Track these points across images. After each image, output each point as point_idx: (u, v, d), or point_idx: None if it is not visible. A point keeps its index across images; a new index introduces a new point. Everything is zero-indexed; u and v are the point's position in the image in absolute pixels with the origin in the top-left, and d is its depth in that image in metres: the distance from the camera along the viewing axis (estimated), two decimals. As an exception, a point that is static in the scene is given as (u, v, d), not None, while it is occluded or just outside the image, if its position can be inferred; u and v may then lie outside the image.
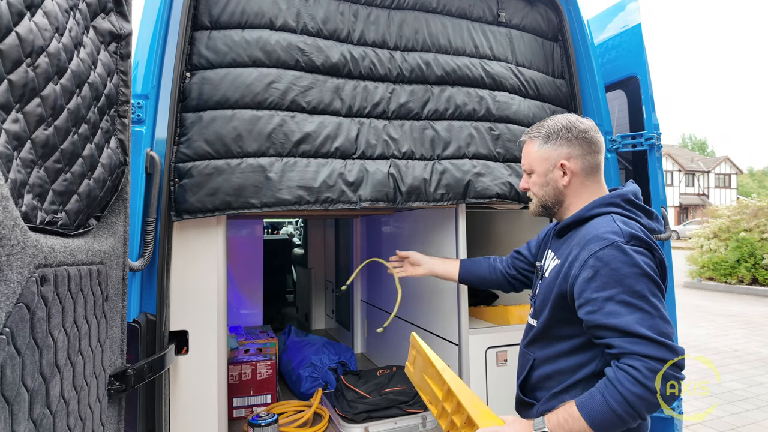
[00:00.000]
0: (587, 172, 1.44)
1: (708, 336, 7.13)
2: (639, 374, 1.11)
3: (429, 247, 2.74)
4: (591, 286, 1.22)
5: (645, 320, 1.15)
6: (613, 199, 1.37)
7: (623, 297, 1.18)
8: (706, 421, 4.15)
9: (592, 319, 1.22)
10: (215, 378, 1.92)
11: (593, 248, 1.25)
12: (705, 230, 12.55)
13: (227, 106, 1.87)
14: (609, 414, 1.13)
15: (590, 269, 1.24)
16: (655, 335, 1.13)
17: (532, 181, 1.52)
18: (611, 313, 1.17)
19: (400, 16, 2.21)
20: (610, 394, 1.14)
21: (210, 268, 1.93)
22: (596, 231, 1.29)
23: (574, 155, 1.44)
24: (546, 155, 1.46)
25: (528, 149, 1.54)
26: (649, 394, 1.10)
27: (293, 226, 8.12)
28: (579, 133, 1.44)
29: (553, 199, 1.48)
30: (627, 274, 1.19)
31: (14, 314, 0.76)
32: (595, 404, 1.16)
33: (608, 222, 1.30)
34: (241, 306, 4.00)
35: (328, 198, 1.94)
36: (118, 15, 1.28)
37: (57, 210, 1.00)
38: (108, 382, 1.26)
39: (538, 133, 1.50)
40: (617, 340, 1.16)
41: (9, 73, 0.80)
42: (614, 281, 1.19)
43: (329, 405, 2.63)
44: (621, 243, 1.22)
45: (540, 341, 1.44)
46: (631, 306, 1.17)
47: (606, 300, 1.19)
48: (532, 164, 1.51)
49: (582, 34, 2.54)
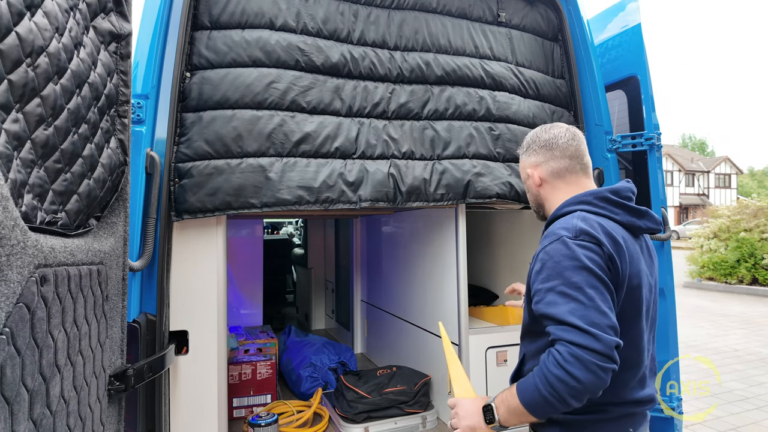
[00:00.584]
0: (555, 176, 1.55)
1: (708, 336, 7.12)
2: (561, 358, 1.18)
3: (429, 247, 2.74)
4: (538, 278, 1.33)
5: (578, 310, 1.22)
6: (585, 197, 1.44)
7: (562, 288, 1.26)
8: (706, 421, 4.15)
9: (536, 308, 1.31)
10: (215, 378, 1.92)
11: (545, 243, 1.36)
12: (705, 230, 12.55)
13: (227, 106, 1.87)
14: (536, 394, 1.22)
15: (539, 262, 1.34)
16: (583, 324, 1.19)
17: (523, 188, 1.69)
18: (550, 303, 1.26)
19: (400, 16, 2.21)
20: (537, 375, 1.23)
21: (210, 268, 1.93)
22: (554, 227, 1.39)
23: (538, 162, 1.57)
24: (522, 166, 1.65)
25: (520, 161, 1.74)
26: (569, 377, 1.16)
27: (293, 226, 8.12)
28: (542, 143, 1.57)
29: (535, 202, 1.64)
30: (567, 266, 1.27)
31: (14, 314, 0.76)
32: (527, 384, 1.25)
33: (568, 219, 1.38)
34: (241, 306, 4.00)
35: (328, 198, 1.94)
36: (118, 15, 1.28)
37: (57, 210, 1.00)
38: (108, 382, 1.26)
39: (520, 148, 1.68)
40: (552, 327, 1.25)
41: (9, 73, 0.80)
42: (556, 273, 1.28)
43: (329, 405, 2.63)
44: (566, 237, 1.31)
45: (527, 336, 1.50)
46: (568, 297, 1.24)
47: (547, 291, 1.28)
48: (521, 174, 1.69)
49: (582, 34, 2.54)
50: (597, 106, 2.48)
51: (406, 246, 3.08)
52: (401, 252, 3.18)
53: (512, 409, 1.29)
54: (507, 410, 1.31)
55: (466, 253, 2.40)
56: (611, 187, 1.45)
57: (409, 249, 3.03)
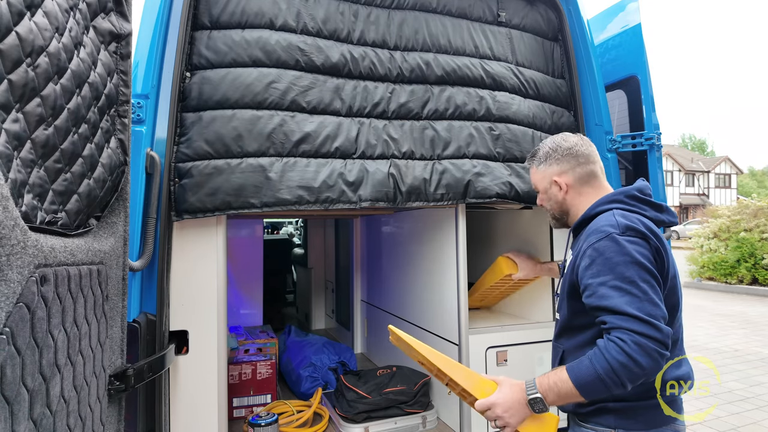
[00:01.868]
0: (582, 182, 1.63)
1: (708, 336, 7.12)
2: (625, 345, 1.23)
3: (429, 247, 2.74)
4: (587, 273, 1.38)
5: (634, 302, 1.28)
6: (616, 197, 1.52)
7: (615, 282, 1.31)
8: (706, 421, 4.15)
9: (589, 302, 1.36)
10: (215, 378, 1.92)
11: (591, 240, 1.41)
12: (705, 230, 12.54)
13: (227, 106, 1.87)
14: (594, 378, 1.27)
15: (588, 258, 1.39)
16: (641, 314, 1.26)
17: (539, 197, 1.75)
18: (603, 296, 1.32)
19: (400, 16, 2.21)
20: (597, 360, 1.27)
21: (210, 268, 1.93)
22: (597, 225, 1.45)
23: (564, 170, 1.64)
24: (542, 176, 1.70)
25: (531, 172, 1.77)
26: (632, 363, 1.23)
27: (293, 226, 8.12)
28: (564, 151, 1.64)
29: (558, 210, 1.68)
30: (618, 262, 1.33)
31: (14, 314, 0.76)
32: (582, 368, 1.29)
33: (608, 216, 1.45)
34: (241, 306, 4.00)
35: (328, 198, 1.94)
36: (118, 15, 1.28)
37: (57, 210, 1.00)
38: (108, 381, 1.26)
39: (534, 159, 1.73)
40: (609, 317, 1.30)
41: (9, 73, 0.80)
42: (607, 269, 1.34)
43: (329, 405, 2.63)
44: (615, 234, 1.37)
45: (566, 333, 1.55)
46: (622, 290, 1.30)
47: (599, 285, 1.34)
48: (536, 184, 1.74)
49: (582, 34, 2.54)
50: (597, 106, 2.48)
51: (406, 246, 3.08)
52: (401, 252, 3.18)
53: (563, 394, 1.33)
54: (557, 396, 1.34)
55: (466, 253, 2.40)
56: (636, 187, 1.54)
57: (409, 249, 3.03)
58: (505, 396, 1.41)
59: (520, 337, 2.52)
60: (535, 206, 2.38)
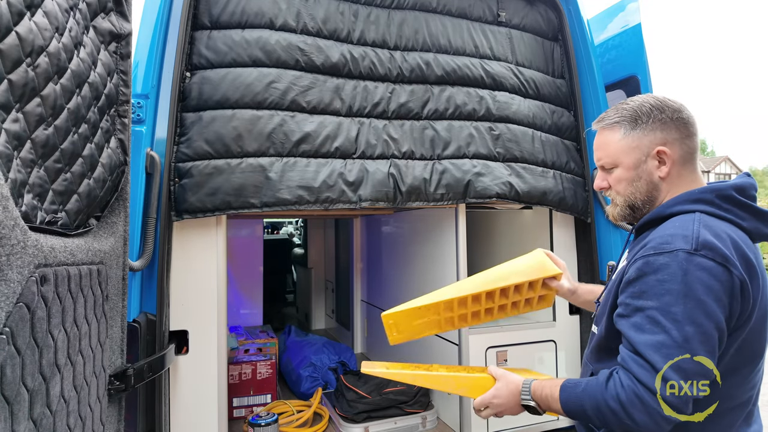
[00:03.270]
0: (686, 160, 1.19)
1: (708, 336, 7.11)
2: (623, 395, 1.04)
3: (429, 247, 2.74)
4: (628, 289, 1.09)
5: (664, 348, 1.00)
6: (704, 195, 1.12)
7: (654, 314, 1.03)
8: (706, 421, 4.14)
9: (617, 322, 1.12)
10: (215, 378, 1.92)
11: (649, 250, 1.07)
12: (705, 230, 12.53)
13: (227, 106, 1.87)
14: (579, 408, 1.12)
15: (636, 270, 1.08)
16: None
17: (615, 176, 1.24)
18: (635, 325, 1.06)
19: (400, 15, 2.21)
20: (590, 392, 1.10)
21: (210, 268, 1.93)
22: (665, 231, 1.09)
23: (671, 139, 1.17)
24: (636, 143, 1.19)
25: (607, 139, 1.24)
26: (624, 415, 1.03)
27: (293, 226, 8.11)
28: (673, 113, 1.18)
29: (645, 195, 1.21)
30: (671, 290, 1.01)
31: (14, 314, 0.76)
32: (574, 393, 1.14)
33: (685, 222, 1.08)
34: (241, 306, 4.00)
35: (328, 198, 1.94)
36: (118, 15, 1.28)
37: (57, 210, 1.00)
38: (108, 381, 1.26)
39: (622, 118, 1.22)
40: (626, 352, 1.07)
41: (9, 73, 0.80)
42: (654, 294, 1.03)
43: (329, 405, 2.63)
44: (683, 251, 1.02)
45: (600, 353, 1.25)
46: (658, 326, 1.02)
47: (636, 310, 1.06)
48: (616, 156, 1.22)
49: (582, 34, 2.54)
50: (597, 106, 2.48)
51: (406, 246, 3.08)
52: (401, 252, 3.18)
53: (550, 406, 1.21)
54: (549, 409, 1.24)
55: (467, 253, 2.40)
56: (734, 183, 1.13)
57: (409, 249, 3.03)
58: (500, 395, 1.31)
59: (520, 337, 2.52)
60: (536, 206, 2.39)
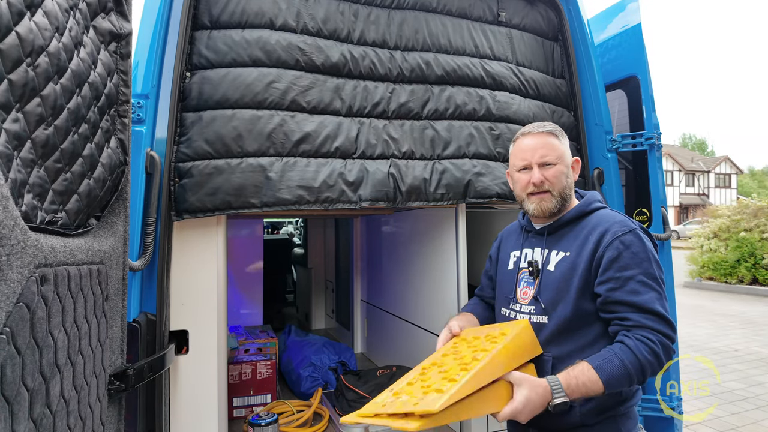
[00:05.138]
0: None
1: (708, 336, 7.12)
2: (655, 347, 1.27)
3: (429, 247, 2.74)
4: (614, 266, 1.35)
5: (658, 300, 1.31)
6: (598, 197, 1.55)
7: (642, 278, 1.33)
8: (706, 421, 4.15)
9: (613, 295, 1.34)
10: (215, 378, 1.92)
11: (616, 231, 1.38)
12: (705, 230, 12.54)
13: (227, 106, 1.87)
14: (624, 376, 1.26)
15: (615, 250, 1.36)
16: (666, 314, 1.31)
17: (554, 171, 1.48)
18: (633, 291, 1.32)
19: (400, 15, 2.21)
20: (629, 359, 1.26)
21: (210, 268, 1.93)
22: (613, 218, 1.43)
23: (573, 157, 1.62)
24: (567, 151, 1.55)
25: (554, 142, 1.51)
26: (657, 363, 1.28)
27: (293, 226, 8.11)
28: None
29: (569, 192, 1.52)
30: (644, 258, 1.35)
31: (14, 314, 0.76)
32: (613, 368, 1.26)
33: (613, 213, 1.45)
34: (241, 306, 4.00)
35: (328, 198, 1.94)
36: (118, 15, 1.28)
37: (57, 210, 1.00)
38: (108, 381, 1.26)
39: (556, 130, 1.54)
40: (635, 314, 1.30)
41: (9, 73, 0.80)
42: (634, 264, 1.34)
43: (329, 405, 2.63)
44: (637, 231, 1.38)
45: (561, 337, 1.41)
46: (648, 287, 1.32)
47: (627, 279, 1.33)
48: (561, 156, 1.50)
49: (582, 33, 2.54)
50: (597, 106, 2.48)
51: (406, 246, 3.08)
52: (401, 252, 3.18)
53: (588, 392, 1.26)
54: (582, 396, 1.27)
55: (467, 253, 2.40)
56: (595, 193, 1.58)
57: (409, 249, 3.03)
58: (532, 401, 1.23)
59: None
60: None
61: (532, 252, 1.56)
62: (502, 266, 1.69)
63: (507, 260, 1.66)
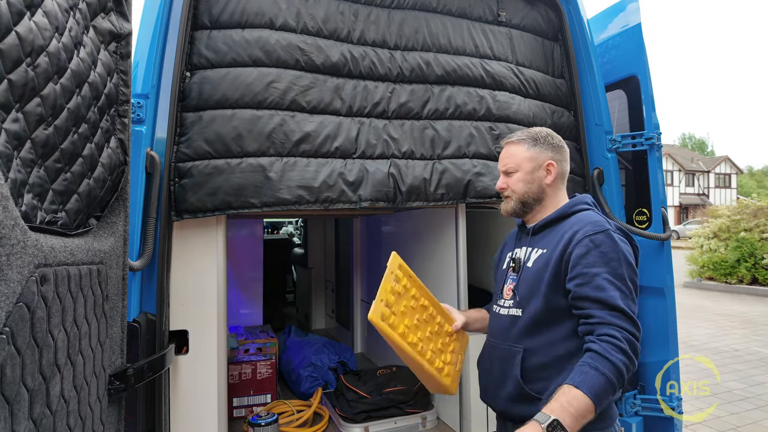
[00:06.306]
0: (562, 177, 1.63)
1: (708, 336, 7.12)
2: (622, 344, 1.26)
3: (429, 247, 2.74)
4: (582, 262, 1.39)
5: (623, 298, 1.33)
6: (587, 200, 1.60)
7: (607, 276, 1.36)
8: (706, 421, 4.15)
9: (580, 291, 1.37)
10: (215, 378, 1.92)
11: (588, 230, 1.43)
12: (705, 230, 12.54)
13: (227, 106, 1.87)
14: (606, 384, 1.24)
15: (584, 247, 1.41)
16: (630, 311, 1.32)
17: (514, 179, 1.62)
18: (599, 287, 1.34)
19: (400, 15, 2.21)
20: (602, 365, 1.25)
21: (210, 268, 1.93)
22: (589, 219, 1.48)
23: (556, 159, 1.61)
24: (533, 156, 1.60)
25: (514, 150, 1.63)
26: (630, 362, 1.27)
27: (293, 226, 8.11)
28: (557, 141, 1.63)
29: (535, 195, 1.60)
30: (613, 258, 1.38)
31: (14, 314, 0.76)
32: (593, 379, 1.24)
33: (592, 215, 1.50)
34: (241, 306, 4.00)
35: (328, 198, 1.94)
36: (118, 15, 1.28)
37: (57, 209, 1.00)
38: (108, 381, 1.26)
39: (526, 138, 1.63)
40: (599, 311, 1.32)
41: (9, 73, 0.80)
42: (603, 262, 1.37)
43: (329, 405, 2.63)
44: (611, 231, 1.42)
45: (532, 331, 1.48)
46: (613, 285, 1.35)
47: (594, 275, 1.36)
48: (519, 164, 1.61)
49: (582, 33, 2.54)
50: (597, 106, 2.48)
51: (406, 246, 3.08)
52: (401, 252, 3.17)
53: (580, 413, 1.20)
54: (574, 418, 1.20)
55: (466, 254, 2.40)
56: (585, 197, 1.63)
57: (409, 249, 3.03)
58: None
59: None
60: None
61: (520, 251, 1.65)
62: (499, 267, 1.78)
63: (503, 261, 1.75)
